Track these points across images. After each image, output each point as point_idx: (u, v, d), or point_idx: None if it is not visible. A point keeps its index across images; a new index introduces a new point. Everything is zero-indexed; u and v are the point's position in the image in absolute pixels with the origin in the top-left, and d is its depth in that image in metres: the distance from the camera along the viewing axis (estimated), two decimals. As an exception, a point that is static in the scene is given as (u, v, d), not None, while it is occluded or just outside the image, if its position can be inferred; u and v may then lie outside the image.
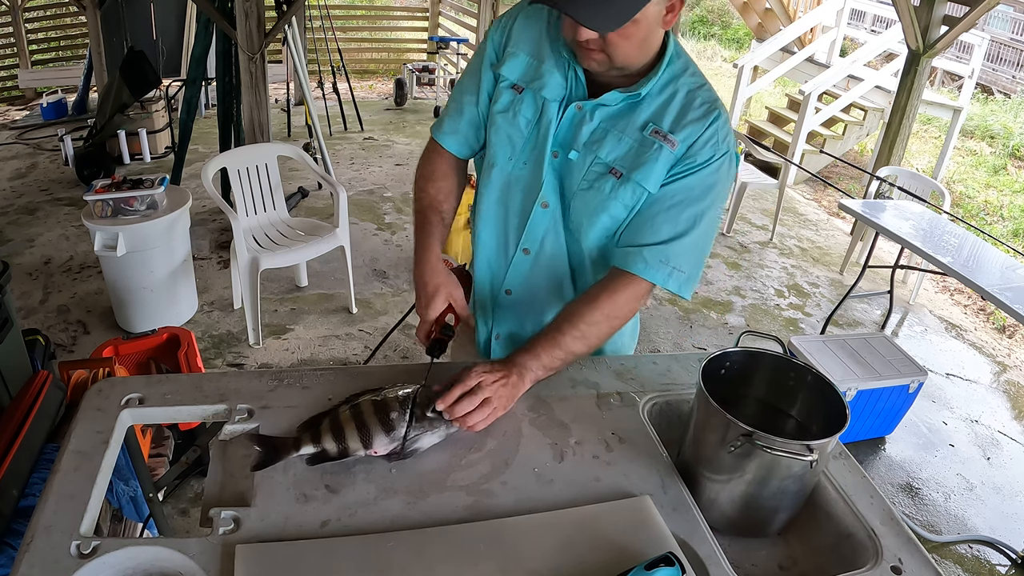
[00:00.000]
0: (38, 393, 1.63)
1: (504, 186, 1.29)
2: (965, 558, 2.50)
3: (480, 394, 1.07)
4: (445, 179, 1.36)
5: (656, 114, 1.17)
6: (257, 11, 3.69)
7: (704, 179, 1.16)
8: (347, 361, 3.19)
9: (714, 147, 1.16)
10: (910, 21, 4.07)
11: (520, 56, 1.23)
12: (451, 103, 1.35)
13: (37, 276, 3.70)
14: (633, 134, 1.17)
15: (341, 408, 1.08)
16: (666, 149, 1.15)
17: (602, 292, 1.19)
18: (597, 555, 0.91)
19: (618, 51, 1.09)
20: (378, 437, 1.02)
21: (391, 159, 5.90)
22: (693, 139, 1.15)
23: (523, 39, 1.24)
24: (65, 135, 5.20)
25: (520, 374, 1.13)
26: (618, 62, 1.11)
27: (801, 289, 4.34)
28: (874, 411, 2.87)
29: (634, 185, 1.17)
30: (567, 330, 1.16)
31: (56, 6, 7.57)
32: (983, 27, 10.47)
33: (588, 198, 1.20)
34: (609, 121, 1.19)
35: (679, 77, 1.18)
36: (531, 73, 1.22)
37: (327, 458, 1.01)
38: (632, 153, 1.17)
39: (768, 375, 1.14)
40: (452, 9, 8.94)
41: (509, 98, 1.24)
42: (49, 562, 0.84)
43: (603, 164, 1.18)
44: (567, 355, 1.16)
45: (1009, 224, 6.42)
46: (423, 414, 1.06)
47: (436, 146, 1.37)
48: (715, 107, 1.17)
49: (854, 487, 1.08)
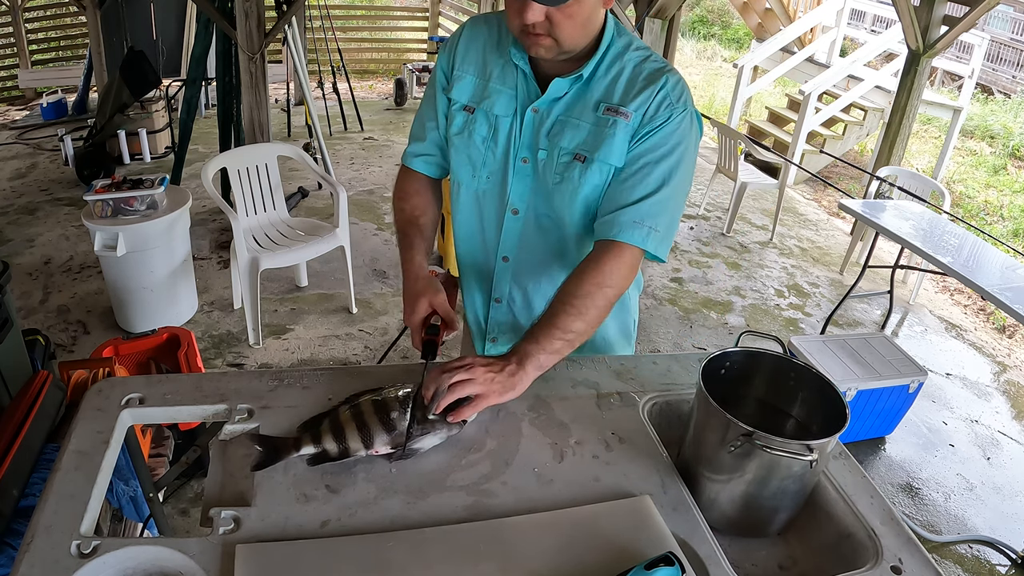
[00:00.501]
0: (38, 393, 1.63)
1: (474, 202, 1.34)
2: (965, 558, 2.50)
3: (465, 388, 1.06)
4: (418, 195, 1.39)
5: (606, 93, 1.20)
6: (257, 11, 3.69)
7: (666, 137, 1.18)
8: (347, 361, 3.19)
9: (670, 108, 1.17)
10: (910, 21, 4.07)
11: (466, 78, 1.28)
12: (414, 130, 1.40)
13: (37, 276, 3.70)
14: (588, 117, 1.21)
15: (341, 408, 1.08)
16: (621, 122, 1.18)
17: (586, 264, 1.20)
18: (597, 555, 0.91)
19: (564, 32, 1.11)
20: (379, 437, 1.02)
21: (391, 159, 5.90)
22: (646, 106, 1.18)
23: (467, 60, 1.29)
24: (65, 135, 5.20)
25: (520, 361, 1.11)
26: (565, 44, 1.13)
27: (801, 289, 4.34)
28: (874, 411, 2.87)
29: (600, 164, 1.20)
30: (559, 308, 1.16)
31: (56, 6, 7.57)
32: (983, 27, 10.47)
33: (563, 189, 1.23)
34: (565, 112, 1.22)
35: (624, 53, 1.21)
36: (479, 92, 1.27)
37: (328, 458, 1.01)
38: (591, 135, 1.20)
39: (768, 375, 1.14)
40: (452, 9, 8.94)
41: (463, 119, 1.29)
42: (49, 562, 0.84)
43: (568, 153, 1.22)
44: (566, 333, 1.14)
45: (1009, 224, 6.42)
46: (424, 416, 1.05)
47: (407, 171, 1.42)
48: (663, 72, 1.19)
49: (854, 487, 1.08)
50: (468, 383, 1.06)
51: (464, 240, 1.41)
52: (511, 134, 1.25)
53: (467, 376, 1.06)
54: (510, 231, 1.32)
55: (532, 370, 1.12)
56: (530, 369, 1.11)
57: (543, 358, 1.13)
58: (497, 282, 1.39)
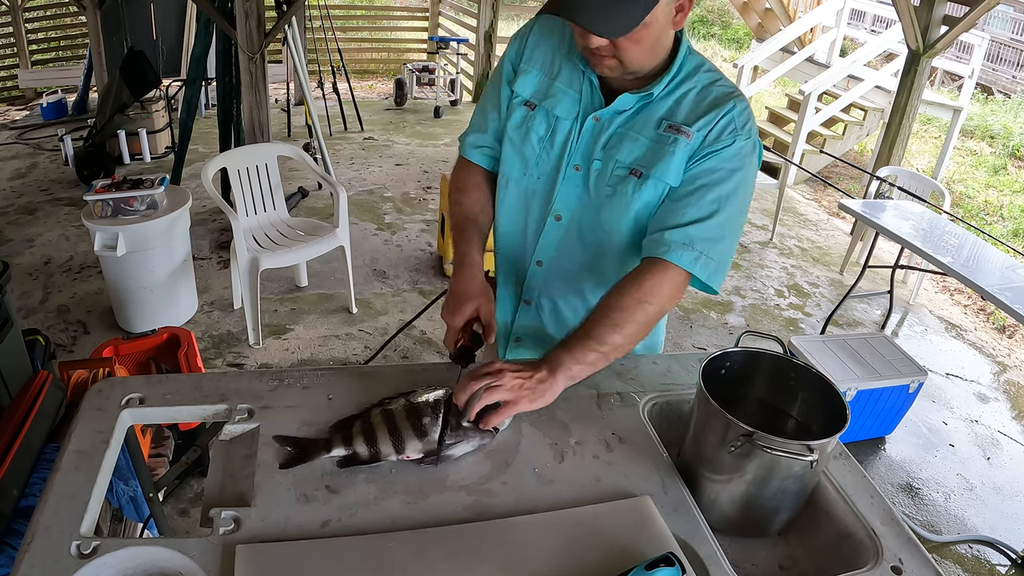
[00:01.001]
0: (38, 393, 1.63)
1: (520, 198, 1.31)
2: (965, 558, 2.50)
3: (494, 394, 1.04)
4: (478, 189, 1.36)
5: (670, 111, 1.17)
6: (257, 11, 3.69)
7: (725, 162, 1.14)
8: (347, 361, 3.19)
9: (733, 133, 1.14)
10: (910, 21, 4.07)
11: (532, 72, 1.25)
12: (475, 119, 1.37)
13: (37, 276, 3.70)
14: (648, 133, 1.18)
15: (373, 411, 1.07)
16: (682, 141, 1.15)
17: (627, 279, 1.17)
18: (597, 555, 0.91)
19: (629, 55, 1.09)
20: (411, 442, 1.02)
21: (391, 159, 5.90)
22: (709, 127, 1.15)
23: (536, 55, 1.26)
24: (65, 135, 5.20)
25: (551, 369, 1.08)
26: (630, 67, 1.12)
27: (801, 289, 4.34)
28: (874, 411, 2.87)
29: (655, 181, 1.17)
30: (597, 320, 1.13)
31: (56, 6, 7.57)
32: (983, 27, 10.48)
33: (614, 203, 1.20)
34: (625, 125, 1.19)
35: (693, 75, 1.18)
36: (543, 90, 1.24)
37: (358, 461, 1.01)
38: (650, 151, 1.17)
39: (768, 375, 1.14)
40: (452, 9, 8.94)
41: (522, 115, 1.26)
42: (49, 562, 0.84)
43: (624, 167, 1.19)
44: (601, 345, 1.11)
45: (1009, 224, 6.42)
46: (458, 423, 1.04)
47: (465, 162, 1.39)
48: (731, 97, 1.16)
49: (854, 487, 1.08)
50: (497, 389, 1.04)
51: (505, 236, 1.38)
52: (568, 138, 1.23)
53: (496, 382, 1.05)
54: (549, 237, 1.29)
55: (563, 379, 1.09)
56: (560, 378, 1.09)
57: (575, 368, 1.10)
58: (528, 285, 1.36)
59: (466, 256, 1.27)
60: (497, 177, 1.38)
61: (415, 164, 5.82)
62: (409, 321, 1.51)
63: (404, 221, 4.68)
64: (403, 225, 4.62)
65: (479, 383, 1.05)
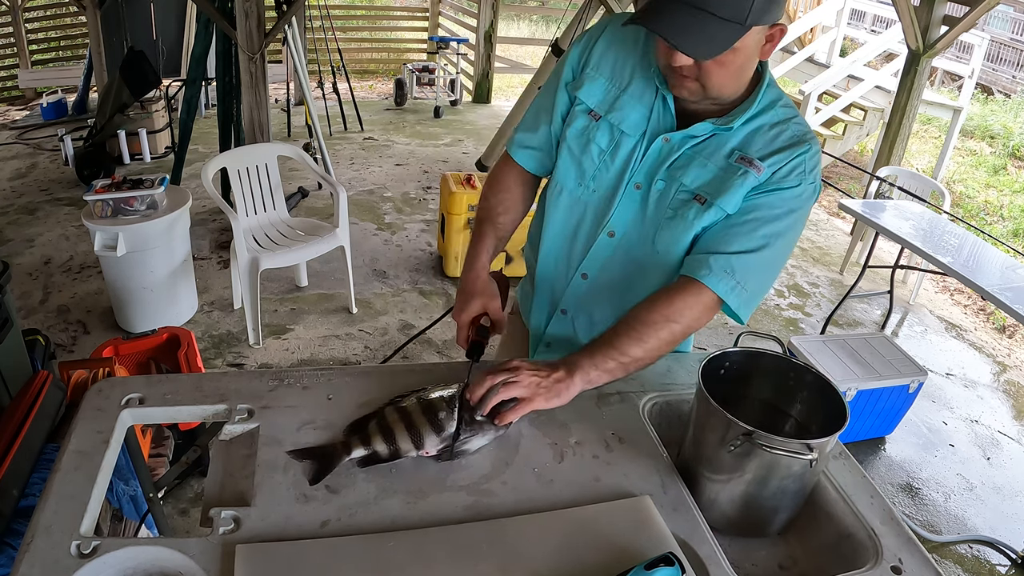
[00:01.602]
0: (38, 393, 1.63)
1: (571, 210, 1.28)
2: (965, 558, 2.50)
3: (510, 390, 1.04)
4: (508, 191, 1.33)
5: (743, 143, 1.14)
6: (257, 11, 3.69)
7: (786, 201, 1.13)
8: (347, 361, 3.19)
9: (800, 175, 1.12)
10: (910, 21, 4.07)
11: (599, 81, 1.21)
12: (527, 119, 1.33)
13: (37, 276, 3.70)
14: (719, 161, 1.15)
15: (387, 409, 1.07)
16: (752, 174, 1.12)
17: (660, 295, 1.16)
18: (597, 555, 0.91)
19: (712, 79, 1.05)
20: (428, 438, 1.02)
21: (391, 159, 5.90)
22: (779, 166, 1.12)
23: (605, 62, 1.21)
24: (65, 135, 5.20)
25: (569, 370, 1.08)
26: (712, 92, 1.08)
27: (801, 289, 4.34)
28: (874, 411, 2.87)
29: (716, 210, 1.14)
30: (622, 330, 1.12)
31: (56, 6, 7.57)
32: (983, 27, 10.47)
33: (674, 225, 1.17)
34: (694, 148, 1.16)
35: (770, 109, 1.15)
36: (610, 101, 1.20)
37: (378, 460, 1.01)
38: (717, 179, 1.14)
39: (768, 375, 1.14)
40: (452, 9, 8.94)
41: (584, 123, 1.22)
42: (49, 562, 0.84)
43: (688, 191, 1.16)
44: (622, 355, 1.10)
45: (1009, 224, 6.42)
46: (472, 417, 1.05)
47: (508, 159, 1.35)
48: (805, 139, 1.14)
49: (854, 487, 1.08)
50: (513, 386, 1.05)
51: (550, 244, 1.33)
52: (632, 155, 1.19)
53: (513, 378, 1.05)
54: (600, 251, 1.26)
55: (580, 381, 1.08)
56: (578, 380, 1.08)
57: (593, 374, 1.09)
58: (569, 295, 1.34)
59: (473, 256, 1.27)
60: (537, 181, 1.36)
61: (415, 164, 5.82)
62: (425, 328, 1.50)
63: (404, 221, 4.68)
64: (403, 225, 4.62)
65: (496, 378, 1.05)
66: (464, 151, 6.27)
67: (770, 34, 1.05)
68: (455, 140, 6.59)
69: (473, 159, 5.96)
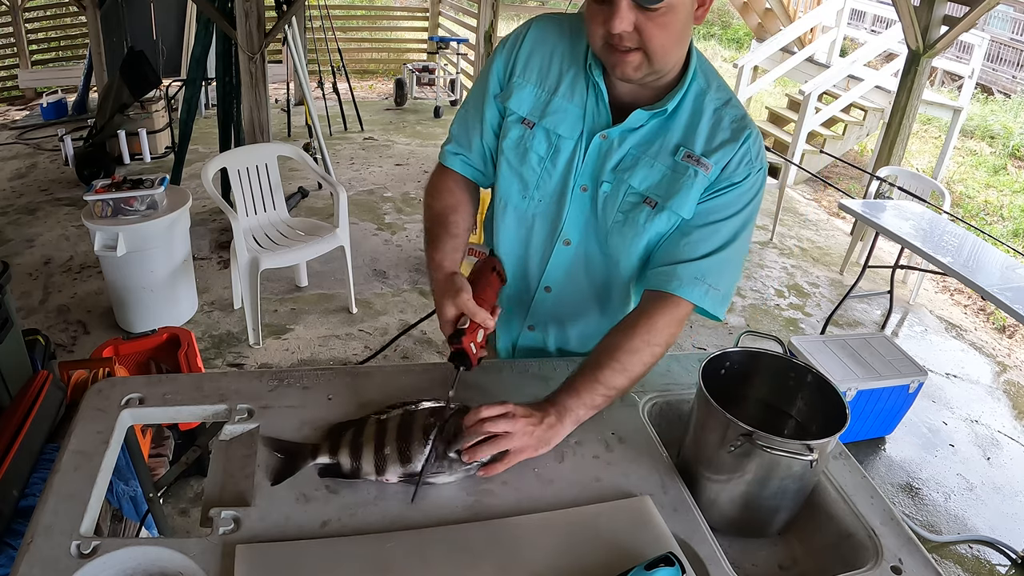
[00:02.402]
0: (38, 393, 1.63)
1: (521, 224, 1.24)
2: (965, 558, 2.50)
3: (504, 442, 1.01)
4: (451, 192, 1.27)
5: (686, 136, 1.12)
6: (257, 11, 3.69)
7: (740, 196, 1.13)
8: (347, 361, 3.19)
9: (748, 165, 1.12)
10: (910, 21, 4.07)
11: (527, 88, 1.17)
12: (455, 130, 1.29)
13: (37, 276, 3.70)
14: (665, 159, 1.12)
15: (369, 419, 1.05)
16: (700, 174, 1.11)
17: (639, 318, 1.13)
18: (597, 555, 0.91)
19: (655, 43, 0.99)
20: (392, 466, 0.99)
21: (391, 159, 5.90)
22: (726, 160, 1.11)
23: (531, 66, 1.17)
24: (65, 135, 5.20)
25: (559, 415, 1.07)
26: (656, 60, 1.02)
27: (801, 289, 4.34)
28: (874, 411, 2.87)
29: (669, 213, 1.13)
30: (606, 363, 1.10)
31: (56, 6, 7.57)
32: (983, 27, 10.48)
33: (624, 231, 1.16)
34: (639, 147, 1.13)
35: (705, 93, 1.13)
36: (541, 106, 1.16)
37: (339, 473, 1.00)
38: (666, 180, 1.12)
39: (768, 375, 1.14)
40: (452, 9, 8.94)
41: (519, 133, 1.18)
42: (49, 562, 0.84)
43: (637, 194, 1.13)
44: (609, 390, 1.09)
45: (1009, 224, 6.42)
46: (444, 452, 1.00)
47: (443, 170, 1.31)
48: (745, 124, 1.12)
49: (854, 487, 1.08)
50: (507, 438, 1.01)
51: (505, 261, 1.29)
52: (573, 158, 1.15)
53: (508, 428, 1.01)
54: (559, 262, 1.23)
55: (569, 425, 1.08)
56: (568, 424, 1.08)
57: (582, 412, 1.09)
58: (535, 311, 1.31)
59: (430, 260, 1.20)
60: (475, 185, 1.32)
61: (415, 164, 5.82)
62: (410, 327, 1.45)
63: (404, 221, 4.68)
64: (403, 225, 4.62)
65: (492, 428, 1.01)
66: (464, 151, 6.26)
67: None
68: (455, 140, 6.58)
69: (473, 159, 5.95)
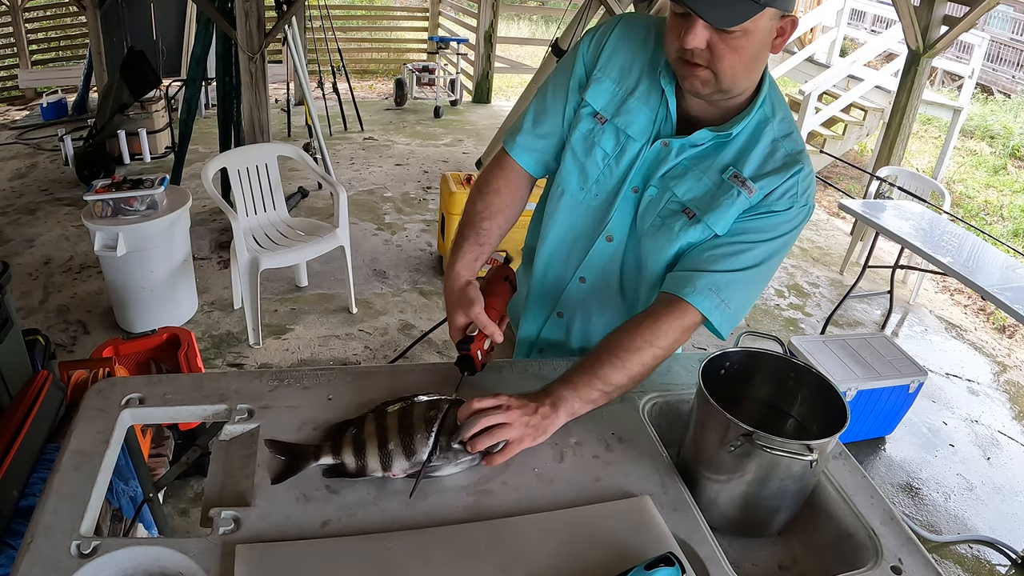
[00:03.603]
0: (38, 393, 1.63)
1: (572, 214, 1.25)
2: (965, 558, 2.50)
3: (502, 432, 1.02)
4: (496, 194, 1.27)
5: (738, 158, 1.13)
6: (257, 11, 3.69)
7: (777, 225, 1.13)
8: (347, 361, 3.19)
9: (792, 198, 1.12)
10: (910, 21, 4.07)
11: (606, 83, 1.18)
12: (530, 116, 1.27)
13: (37, 276, 3.70)
14: (713, 176, 1.14)
15: (368, 418, 1.05)
16: (743, 195, 1.11)
17: (644, 318, 1.14)
18: (597, 555, 0.91)
19: (725, 65, 1.02)
20: (398, 460, 0.99)
21: (391, 159, 5.90)
22: (771, 188, 1.12)
23: (613, 63, 1.19)
24: (65, 135, 5.20)
25: (554, 404, 1.07)
26: (725, 81, 1.04)
27: (801, 289, 4.34)
28: (874, 411, 2.87)
29: (704, 227, 1.13)
30: (605, 358, 1.10)
31: (56, 6, 7.57)
32: (983, 27, 10.47)
33: (658, 236, 1.17)
34: (692, 160, 1.15)
35: (768, 122, 1.14)
36: (616, 104, 1.18)
37: (345, 473, 1.00)
38: (709, 195, 1.13)
39: (768, 375, 1.14)
40: (452, 9, 8.94)
41: (589, 126, 1.20)
42: (49, 562, 0.84)
43: (678, 202, 1.15)
44: (606, 385, 1.09)
45: (1009, 224, 6.42)
46: (448, 444, 1.01)
47: (505, 159, 1.29)
48: (799, 159, 1.12)
49: (854, 487, 1.08)
50: (506, 428, 1.02)
51: (550, 246, 1.30)
52: (635, 161, 1.17)
53: (504, 419, 1.02)
54: (598, 256, 1.25)
55: (564, 416, 1.08)
56: (562, 415, 1.08)
57: (577, 405, 1.09)
58: (566, 298, 1.32)
59: (449, 265, 1.22)
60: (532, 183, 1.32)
61: (415, 164, 5.82)
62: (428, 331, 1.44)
63: (404, 221, 4.68)
64: (403, 225, 4.62)
65: (489, 419, 1.01)
66: (464, 151, 6.27)
67: (781, 26, 1.04)
68: (455, 140, 6.59)
69: (473, 159, 5.96)
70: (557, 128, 1.25)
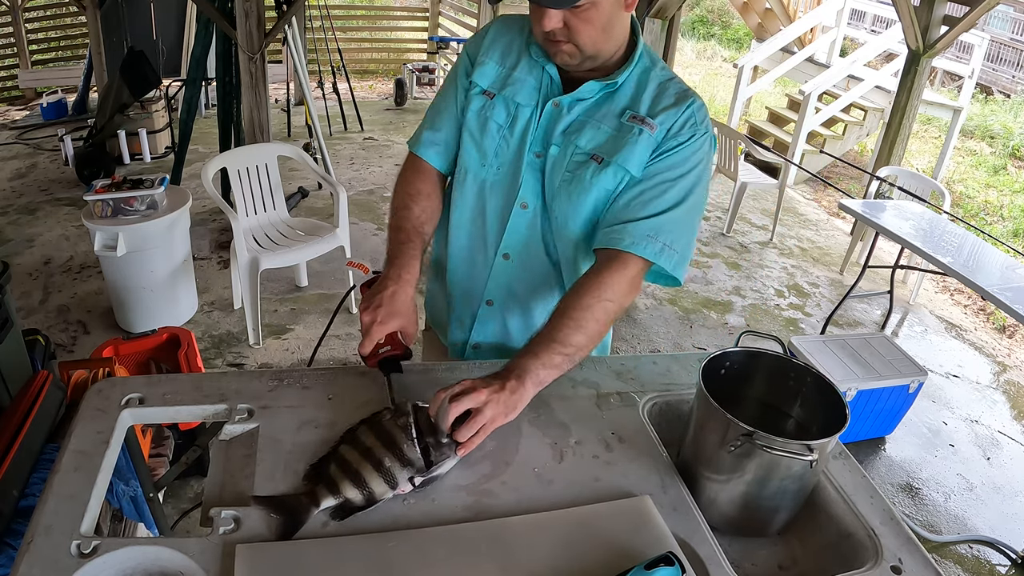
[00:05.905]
0: (38, 393, 1.63)
1: (480, 192, 1.28)
2: (965, 558, 2.50)
3: (478, 417, 1.00)
4: (429, 199, 1.30)
5: (632, 101, 1.20)
6: (257, 11, 3.69)
7: (688, 156, 1.17)
8: (347, 361, 3.19)
9: (693, 127, 1.18)
10: (910, 21, 4.07)
11: (490, 64, 1.26)
12: (428, 117, 1.33)
13: (37, 276, 3.70)
14: (611, 122, 1.19)
15: (342, 447, 1.01)
16: (646, 132, 1.17)
17: (588, 277, 1.15)
18: (597, 555, 0.91)
19: (583, 36, 1.10)
20: (400, 474, 0.96)
21: (391, 159, 5.90)
22: (671, 123, 1.17)
23: (495, 48, 1.27)
24: (65, 135, 5.20)
25: (519, 377, 1.04)
26: (586, 49, 1.13)
27: (801, 289, 4.34)
28: (874, 411, 2.87)
29: (616, 168, 1.17)
30: (560, 322, 1.11)
31: (56, 6, 7.57)
32: (983, 27, 10.47)
33: (571, 189, 1.20)
34: (587, 113, 1.20)
35: (650, 70, 1.22)
36: (502, 80, 1.25)
37: (354, 508, 0.94)
38: (611, 140, 1.18)
39: (768, 375, 1.14)
40: (452, 9, 8.94)
41: (480, 103, 1.26)
42: (49, 562, 0.84)
43: (583, 153, 1.19)
44: (566, 347, 1.09)
45: (1009, 224, 6.42)
46: (437, 441, 0.99)
47: (417, 162, 1.32)
48: (688, 95, 1.20)
49: (854, 487, 1.08)
50: (479, 412, 1.00)
51: (462, 231, 1.32)
52: (529, 126, 1.22)
53: (472, 404, 1.00)
54: (516, 227, 1.26)
55: (532, 387, 1.06)
56: (530, 386, 1.06)
57: (543, 373, 1.07)
58: (493, 282, 1.31)
59: (402, 265, 1.19)
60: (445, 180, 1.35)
61: (415, 164, 5.81)
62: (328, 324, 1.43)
63: (404, 221, 4.68)
64: (403, 225, 4.62)
65: (460, 405, 1.00)
66: (464, 151, 6.27)
67: None
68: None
69: (473, 159, 5.95)
70: (453, 116, 1.30)
